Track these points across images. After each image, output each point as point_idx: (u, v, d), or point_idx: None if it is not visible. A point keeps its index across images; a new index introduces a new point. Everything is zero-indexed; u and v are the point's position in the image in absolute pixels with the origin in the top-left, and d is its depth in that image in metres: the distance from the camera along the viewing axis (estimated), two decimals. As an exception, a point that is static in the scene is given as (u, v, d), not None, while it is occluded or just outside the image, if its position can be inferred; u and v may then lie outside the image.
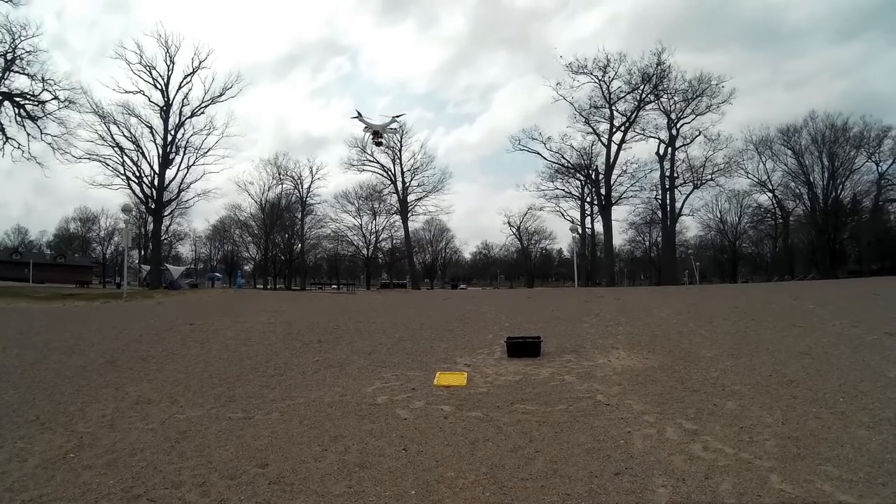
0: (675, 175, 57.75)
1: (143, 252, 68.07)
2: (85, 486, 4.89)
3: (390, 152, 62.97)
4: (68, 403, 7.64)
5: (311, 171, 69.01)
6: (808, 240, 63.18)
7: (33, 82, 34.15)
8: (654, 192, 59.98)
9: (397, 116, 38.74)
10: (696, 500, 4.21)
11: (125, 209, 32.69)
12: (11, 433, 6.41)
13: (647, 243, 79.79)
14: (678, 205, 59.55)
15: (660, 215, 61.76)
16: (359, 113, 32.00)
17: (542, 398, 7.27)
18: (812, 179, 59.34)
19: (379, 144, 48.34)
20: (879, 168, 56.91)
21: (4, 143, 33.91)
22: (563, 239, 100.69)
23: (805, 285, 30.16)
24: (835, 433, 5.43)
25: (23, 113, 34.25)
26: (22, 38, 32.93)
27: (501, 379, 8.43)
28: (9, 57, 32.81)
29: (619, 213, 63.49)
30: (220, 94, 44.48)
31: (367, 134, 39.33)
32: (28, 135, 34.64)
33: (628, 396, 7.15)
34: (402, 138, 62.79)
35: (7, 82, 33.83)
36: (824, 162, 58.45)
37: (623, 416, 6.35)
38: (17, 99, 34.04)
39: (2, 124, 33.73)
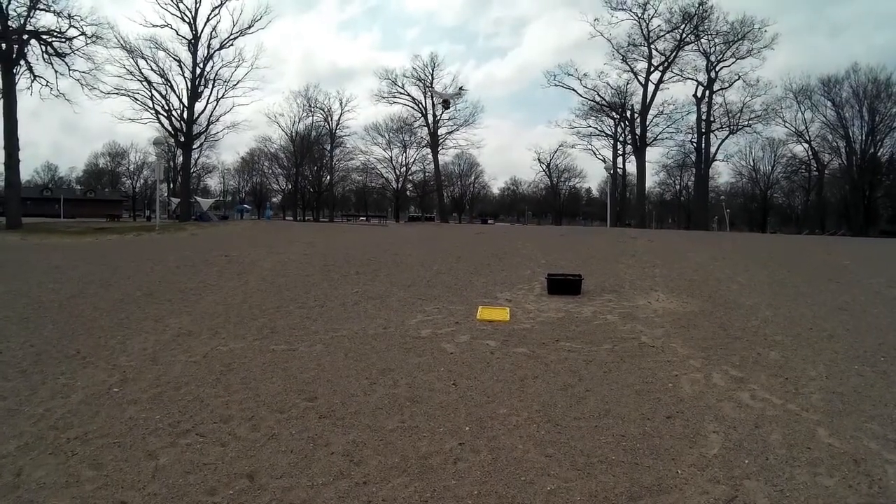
0: (712, 119, 56.33)
1: (172, 185, 68.68)
2: (131, 421, 4.76)
3: (421, 85, 61.80)
4: (108, 337, 7.41)
5: (341, 104, 69.26)
6: (841, 195, 61.51)
7: (59, 19, 33.45)
8: (690, 135, 58.79)
9: (462, 88, 52.04)
10: (748, 448, 4.16)
11: (156, 142, 32.74)
12: (53, 369, 6.20)
13: (678, 187, 78.54)
14: (712, 149, 58.34)
15: (693, 159, 60.55)
16: (433, 87, 41.13)
17: (586, 337, 7.20)
18: (851, 134, 57.16)
19: (447, 109, 56.68)
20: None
21: (32, 82, 33.61)
22: (592, 178, 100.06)
23: (837, 241, 29.38)
24: (878, 392, 5.31)
25: (50, 50, 33.76)
26: (46, -25, 32.14)
27: (544, 315, 8.35)
28: (33, -6, 32.16)
29: (651, 154, 62.24)
30: (249, 26, 43.30)
31: (439, 101, 52.83)
32: (56, 72, 34.36)
33: (672, 339, 7.06)
34: (433, 72, 62.18)
35: (33, 21, 33.23)
36: (864, 116, 56.10)
37: (669, 360, 6.28)
38: (45, 36, 33.54)
39: (29, 63, 33.39)
